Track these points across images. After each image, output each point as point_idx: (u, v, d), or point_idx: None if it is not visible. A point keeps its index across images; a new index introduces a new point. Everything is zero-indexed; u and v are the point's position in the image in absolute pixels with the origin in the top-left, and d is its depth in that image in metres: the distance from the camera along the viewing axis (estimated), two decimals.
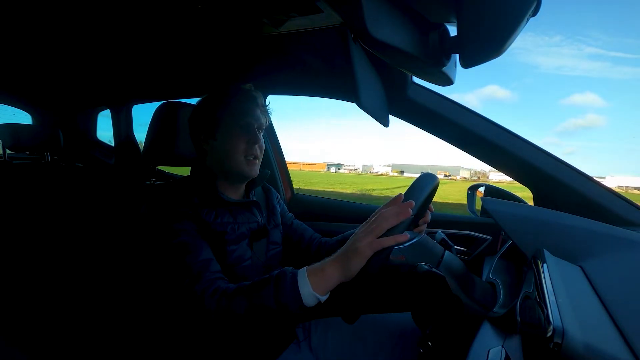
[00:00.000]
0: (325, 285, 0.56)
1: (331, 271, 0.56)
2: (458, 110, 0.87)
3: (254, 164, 0.79)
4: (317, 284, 0.56)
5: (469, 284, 0.62)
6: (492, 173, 34.07)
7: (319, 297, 0.56)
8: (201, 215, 0.72)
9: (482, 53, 0.44)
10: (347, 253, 0.55)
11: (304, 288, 0.56)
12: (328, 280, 0.56)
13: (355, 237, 0.56)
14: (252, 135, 0.78)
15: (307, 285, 0.56)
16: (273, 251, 0.86)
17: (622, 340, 0.33)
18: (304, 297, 0.56)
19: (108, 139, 2.11)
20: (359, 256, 0.53)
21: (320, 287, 0.56)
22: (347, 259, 0.55)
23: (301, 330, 0.89)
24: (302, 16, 0.75)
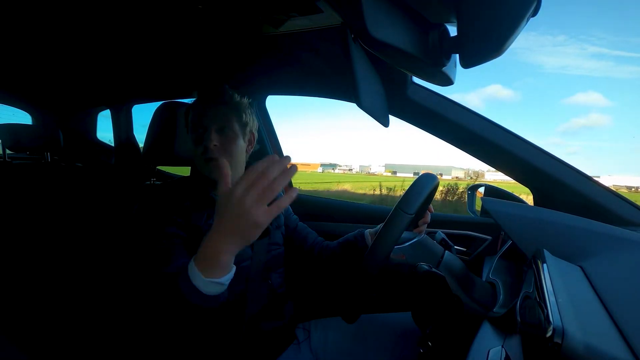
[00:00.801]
0: (219, 268, 0.51)
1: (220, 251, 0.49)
2: (458, 110, 0.87)
3: (215, 166, 0.76)
4: (209, 270, 0.50)
5: (469, 284, 0.62)
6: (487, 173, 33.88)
7: (219, 280, 0.51)
8: (191, 220, 0.72)
9: (482, 53, 0.44)
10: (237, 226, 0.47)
11: (197, 280, 0.51)
12: (220, 261, 0.50)
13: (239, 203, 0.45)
14: (205, 137, 0.76)
15: (198, 276, 0.51)
16: (274, 252, 0.86)
17: (622, 340, 0.33)
18: (202, 289, 0.51)
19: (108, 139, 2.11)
20: (255, 227, 0.47)
21: (213, 271, 0.51)
22: (238, 232, 0.47)
23: (301, 331, 0.89)
24: (302, 16, 0.75)
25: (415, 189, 0.62)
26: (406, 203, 0.60)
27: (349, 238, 0.91)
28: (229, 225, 0.47)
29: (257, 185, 0.45)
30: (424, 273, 0.56)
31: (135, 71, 1.37)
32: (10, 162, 1.46)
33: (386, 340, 0.83)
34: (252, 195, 0.45)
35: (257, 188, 0.45)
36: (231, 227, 0.47)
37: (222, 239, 0.49)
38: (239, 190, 0.46)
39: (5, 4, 0.84)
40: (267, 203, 0.46)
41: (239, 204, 0.46)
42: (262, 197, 0.46)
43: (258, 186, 0.45)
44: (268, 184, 0.46)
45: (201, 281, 0.51)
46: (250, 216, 0.46)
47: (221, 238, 0.49)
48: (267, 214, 0.46)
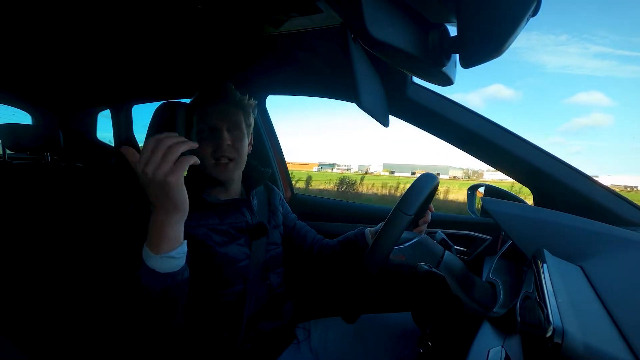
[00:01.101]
0: (167, 242, 0.52)
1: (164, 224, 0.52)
2: (458, 110, 0.87)
3: (225, 166, 0.76)
4: (155, 244, 0.52)
5: (469, 284, 0.62)
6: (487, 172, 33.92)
7: (168, 254, 0.52)
8: None
9: (482, 53, 0.44)
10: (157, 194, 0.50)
11: (150, 260, 0.52)
12: (167, 236, 0.52)
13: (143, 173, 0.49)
14: (217, 136, 0.75)
15: (150, 256, 0.52)
16: (272, 252, 0.86)
17: (622, 340, 0.33)
18: (154, 265, 0.52)
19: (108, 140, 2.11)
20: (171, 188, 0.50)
21: (162, 246, 0.52)
22: (165, 199, 0.51)
23: (301, 331, 0.89)
24: (302, 16, 0.75)
25: (414, 190, 0.62)
26: (405, 204, 0.60)
27: (349, 237, 0.91)
28: (153, 198, 0.51)
29: (155, 153, 0.49)
30: (424, 273, 0.56)
31: (135, 71, 1.37)
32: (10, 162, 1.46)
33: (386, 340, 0.83)
34: (152, 162, 0.49)
35: (155, 155, 0.49)
36: (155, 198, 0.51)
37: (158, 211, 0.52)
38: (140, 165, 0.50)
39: (5, 4, 0.84)
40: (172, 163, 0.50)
41: (144, 176, 0.49)
42: (164, 160, 0.49)
43: (155, 153, 0.49)
44: (166, 148, 0.49)
45: (153, 259, 0.52)
46: (158, 179, 0.49)
47: (157, 212, 0.52)
48: (174, 171, 0.49)
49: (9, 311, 1.03)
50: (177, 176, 0.50)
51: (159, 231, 0.52)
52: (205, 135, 0.75)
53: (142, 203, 0.72)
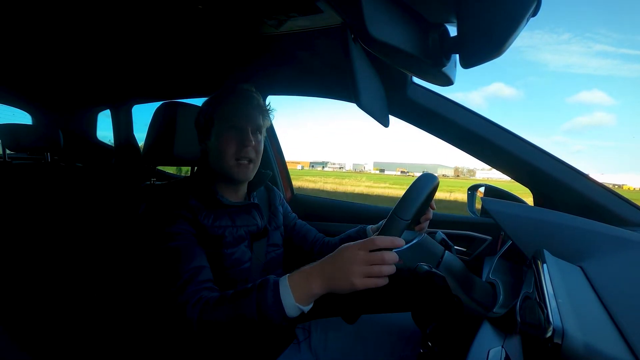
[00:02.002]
0: (308, 297, 0.55)
1: (316, 286, 0.54)
2: (458, 110, 0.87)
3: (246, 167, 0.77)
4: (300, 295, 0.55)
5: (469, 284, 0.62)
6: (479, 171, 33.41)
7: (302, 307, 0.55)
8: (199, 218, 0.71)
9: (481, 53, 0.44)
10: (338, 278, 0.53)
11: (286, 299, 0.54)
12: (312, 293, 0.55)
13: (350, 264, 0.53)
14: (243, 137, 0.75)
15: (290, 296, 0.55)
16: (273, 253, 0.86)
17: (622, 340, 0.33)
18: (286, 309, 0.54)
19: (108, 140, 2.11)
20: (348, 288, 0.53)
21: (303, 299, 0.55)
22: (335, 282, 0.53)
23: (301, 331, 0.89)
24: (302, 16, 0.75)
25: (412, 193, 0.61)
26: (402, 209, 0.60)
27: (350, 234, 0.92)
28: (336, 270, 0.54)
29: (372, 261, 0.52)
30: (424, 273, 0.56)
31: (135, 71, 1.37)
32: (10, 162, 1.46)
33: (386, 341, 0.83)
34: (365, 267, 0.52)
35: (374, 262, 0.52)
36: (336, 273, 0.54)
37: (324, 275, 0.54)
38: (362, 255, 0.53)
39: (5, 4, 0.84)
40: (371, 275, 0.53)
41: (354, 264, 0.52)
42: (369, 272, 0.52)
43: (373, 262, 0.52)
44: (379, 262, 0.52)
45: (290, 301, 0.54)
46: (353, 277, 0.52)
47: (324, 274, 0.55)
48: (363, 284, 0.52)
49: (10, 311, 1.03)
50: (362, 287, 0.53)
51: (311, 291, 0.55)
52: (231, 134, 0.75)
53: (154, 203, 0.72)
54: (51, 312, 1.08)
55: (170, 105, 0.93)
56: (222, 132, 0.75)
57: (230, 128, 0.75)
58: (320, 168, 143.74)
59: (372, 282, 0.52)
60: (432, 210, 0.84)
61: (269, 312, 0.54)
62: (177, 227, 0.68)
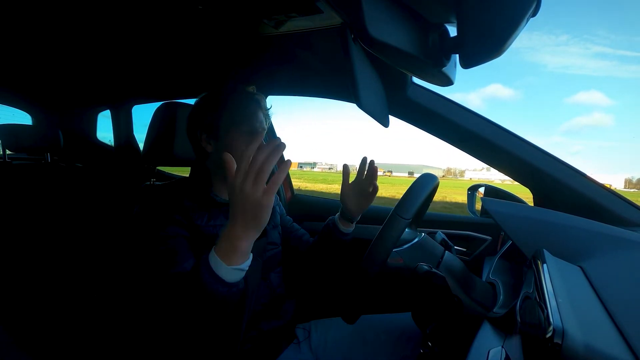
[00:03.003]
0: (238, 254, 0.53)
1: (237, 235, 0.52)
2: (458, 110, 0.87)
3: None
4: (226, 255, 0.53)
5: (469, 284, 0.62)
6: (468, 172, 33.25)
7: (239, 267, 0.54)
8: (192, 219, 0.71)
9: (481, 53, 0.44)
10: (246, 211, 0.51)
11: (219, 269, 0.53)
12: (239, 247, 0.53)
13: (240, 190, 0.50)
14: (257, 139, 0.76)
15: (218, 262, 0.53)
16: (272, 252, 0.86)
17: (622, 340, 0.33)
18: (224, 276, 0.53)
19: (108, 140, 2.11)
20: (260, 207, 0.50)
21: (233, 258, 0.53)
22: (251, 216, 0.51)
23: (301, 331, 0.89)
24: (302, 17, 0.75)
25: (412, 193, 0.62)
26: (402, 208, 0.60)
27: (323, 228, 0.94)
28: (239, 212, 0.52)
29: (251, 170, 0.50)
30: (424, 273, 0.56)
31: (135, 71, 1.37)
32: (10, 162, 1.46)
33: (386, 341, 0.83)
34: (248, 180, 0.50)
35: (251, 172, 0.50)
36: (241, 213, 0.52)
37: (237, 226, 0.53)
38: (238, 180, 0.51)
39: (5, 4, 0.84)
40: (265, 182, 0.50)
41: (240, 192, 0.50)
42: (258, 179, 0.50)
43: (251, 170, 0.50)
44: (260, 165, 0.50)
45: (224, 269, 0.53)
46: (252, 198, 0.50)
47: (237, 226, 0.53)
48: (267, 193, 0.50)
49: (10, 310, 1.03)
50: (270, 196, 0.51)
51: (234, 245, 0.53)
52: (243, 136, 0.76)
53: (147, 205, 0.72)
54: (51, 312, 1.08)
55: (170, 105, 0.93)
56: (235, 135, 0.76)
57: (244, 131, 0.76)
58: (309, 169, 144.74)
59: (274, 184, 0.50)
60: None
61: (215, 288, 0.53)
62: (168, 230, 0.68)
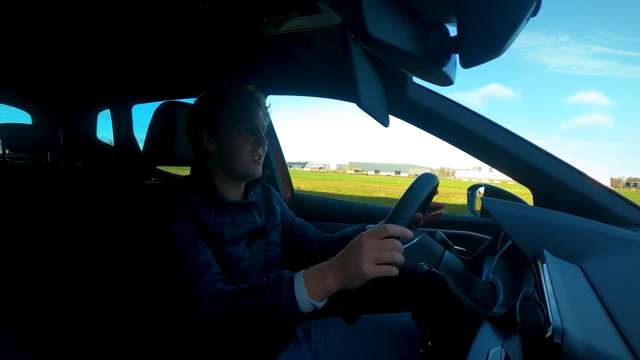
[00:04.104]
0: (322, 293, 0.55)
1: (330, 281, 0.54)
2: (458, 110, 0.87)
3: (259, 164, 0.80)
4: (314, 290, 0.54)
5: (469, 284, 0.62)
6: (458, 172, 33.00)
7: (316, 304, 0.55)
8: (200, 215, 0.72)
9: (482, 53, 0.44)
10: (350, 268, 0.53)
11: (300, 294, 0.54)
12: (326, 289, 0.55)
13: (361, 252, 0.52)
14: (258, 137, 0.78)
15: (303, 291, 0.54)
16: (272, 252, 0.86)
17: (622, 340, 0.33)
18: (300, 304, 0.54)
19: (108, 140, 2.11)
20: (360, 278, 0.52)
21: (317, 294, 0.55)
22: (349, 274, 0.53)
23: (301, 330, 0.89)
24: (302, 16, 0.75)
25: (411, 193, 0.62)
26: (402, 208, 0.60)
27: (350, 232, 0.92)
28: (348, 260, 0.54)
29: (384, 247, 0.53)
30: (424, 273, 0.56)
31: (135, 71, 1.37)
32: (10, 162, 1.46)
33: (386, 340, 0.83)
34: (376, 253, 0.52)
35: (383, 249, 0.52)
36: (348, 263, 0.53)
37: (337, 268, 0.55)
38: (372, 241, 0.53)
39: (5, 4, 0.84)
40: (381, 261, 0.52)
41: (366, 252, 0.52)
42: (380, 258, 0.52)
43: (384, 248, 0.53)
44: (391, 248, 0.53)
45: (303, 296, 0.54)
46: (363, 264, 0.52)
47: (337, 267, 0.55)
48: (375, 271, 0.52)
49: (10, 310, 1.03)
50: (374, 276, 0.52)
51: (325, 286, 0.55)
52: (246, 134, 0.78)
53: (154, 201, 0.72)
54: (52, 312, 1.08)
55: (170, 105, 0.93)
56: (236, 133, 0.77)
57: (246, 128, 0.78)
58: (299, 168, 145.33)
59: (385, 269, 0.52)
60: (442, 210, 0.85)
61: (283, 306, 0.54)
62: (180, 224, 0.68)
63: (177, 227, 0.68)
